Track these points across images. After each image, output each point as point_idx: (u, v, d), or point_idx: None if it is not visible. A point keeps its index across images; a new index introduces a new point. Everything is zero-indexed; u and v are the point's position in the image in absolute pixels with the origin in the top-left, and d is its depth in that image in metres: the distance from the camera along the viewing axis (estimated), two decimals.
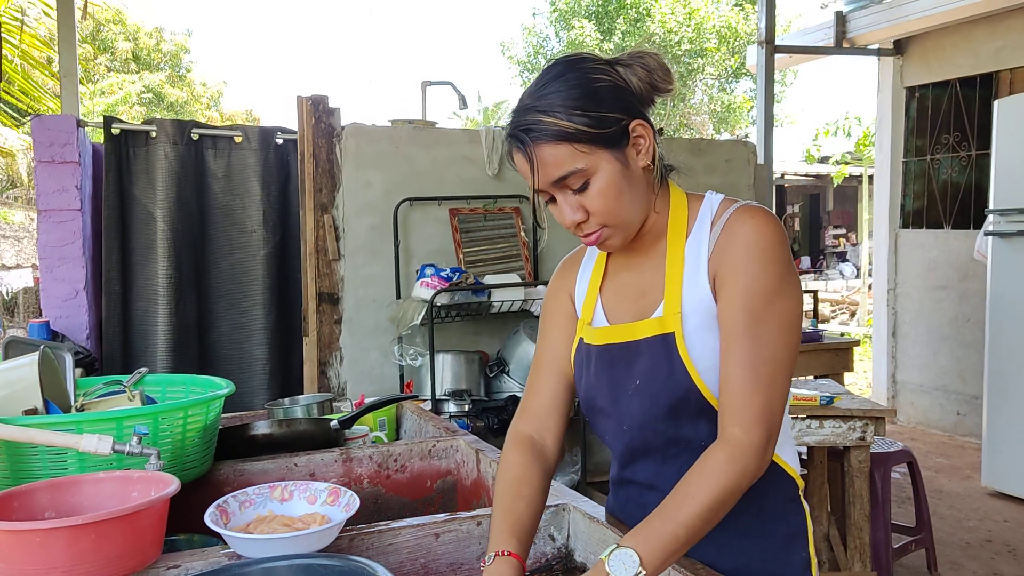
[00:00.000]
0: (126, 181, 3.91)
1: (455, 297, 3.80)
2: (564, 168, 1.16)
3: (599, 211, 1.19)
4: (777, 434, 1.15)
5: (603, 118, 1.15)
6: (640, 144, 1.19)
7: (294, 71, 57.38)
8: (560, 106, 1.14)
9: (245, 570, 1.20)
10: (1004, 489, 4.61)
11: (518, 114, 1.18)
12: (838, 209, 21.28)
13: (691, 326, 1.20)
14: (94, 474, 1.41)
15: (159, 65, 18.45)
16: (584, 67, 1.18)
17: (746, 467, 1.11)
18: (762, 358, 1.13)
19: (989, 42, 5.80)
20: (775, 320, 1.15)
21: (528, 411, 1.37)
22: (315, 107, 3.92)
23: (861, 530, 3.05)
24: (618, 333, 1.27)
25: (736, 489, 1.11)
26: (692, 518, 1.08)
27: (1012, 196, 4.54)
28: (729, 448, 1.12)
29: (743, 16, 18.09)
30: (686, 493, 1.10)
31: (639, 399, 1.24)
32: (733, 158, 4.90)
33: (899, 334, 6.60)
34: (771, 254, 1.16)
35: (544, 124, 1.14)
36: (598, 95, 1.16)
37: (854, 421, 2.98)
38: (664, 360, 1.21)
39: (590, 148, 1.15)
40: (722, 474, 1.10)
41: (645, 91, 1.21)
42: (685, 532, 1.08)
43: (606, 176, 1.17)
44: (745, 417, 1.12)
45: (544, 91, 1.16)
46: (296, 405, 2.35)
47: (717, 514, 1.11)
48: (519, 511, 1.24)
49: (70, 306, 3.81)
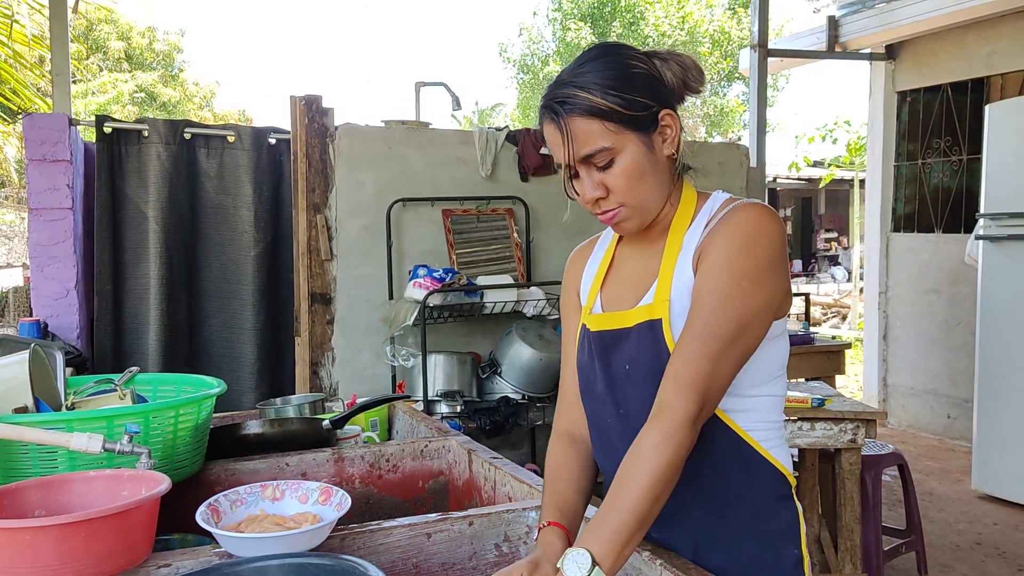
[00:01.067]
0: (118, 180, 3.89)
1: (448, 298, 3.80)
2: (593, 144, 1.20)
3: (619, 190, 1.22)
4: (711, 410, 1.16)
5: (635, 101, 1.20)
6: (667, 133, 1.24)
7: (287, 72, 57.30)
8: (596, 84, 1.19)
9: (236, 569, 1.20)
10: (994, 492, 4.63)
11: (554, 87, 1.22)
12: (830, 213, 21.35)
13: (676, 310, 1.22)
14: (84, 472, 1.40)
15: (152, 65, 18.39)
16: (622, 52, 1.23)
17: (673, 435, 1.12)
18: (712, 333, 1.15)
19: (981, 47, 5.82)
20: (738, 302, 1.16)
21: (561, 408, 1.44)
22: (308, 107, 3.91)
23: (852, 532, 3.05)
24: (612, 320, 1.31)
25: (671, 460, 1.11)
26: (638, 502, 1.09)
27: (1003, 200, 4.56)
28: (656, 418, 1.14)
29: (736, 20, 18.15)
30: (624, 478, 1.12)
31: (631, 384, 1.26)
32: (726, 161, 4.91)
33: (890, 337, 6.63)
34: (754, 241, 1.18)
35: (579, 98, 1.19)
36: (632, 79, 1.20)
37: (845, 423, 2.99)
38: (651, 346, 1.23)
39: (619, 128, 1.19)
40: (654, 450, 1.11)
41: (678, 87, 1.25)
42: (633, 517, 1.09)
43: (631, 157, 1.21)
44: (680, 383, 1.14)
45: (582, 69, 1.21)
46: (288, 405, 2.34)
47: (663, 492, 1.11)
48: (561, 490, 1.31)
49: (61, 305, 3.80)
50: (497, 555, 1.47)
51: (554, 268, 4.38)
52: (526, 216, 4.34)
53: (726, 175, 4.87)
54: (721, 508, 1.27)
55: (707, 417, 1.17)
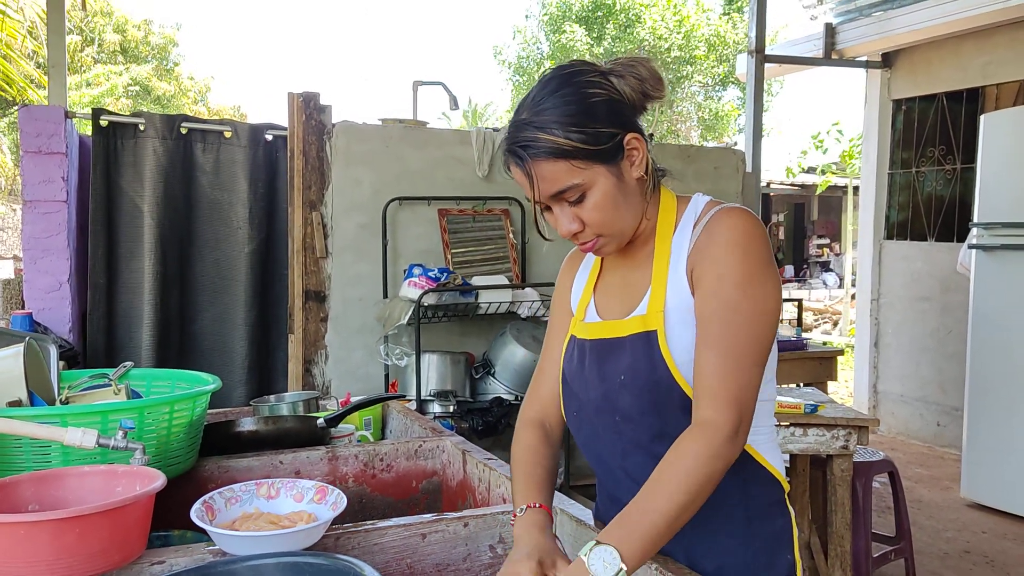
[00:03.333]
0: (113, 173, 3.87)
1: (442, 298, 3.79)
2: (561, 183, 1.19)
3: (595, 222, 1.22)
4: (749, 420, 1.16)
5: (599, 134, 1.18)
6: (634, 156, 1.23)
7: (283, 68, 57.17)
8: (556, 123, 1.17)
9: (231, 567, 1.19)
10: (983, 501, 4.65)
11: (516, 129, 1.20)
12: (822, 219, 21.42)
13: (671, 322, 1.23)
14: (79, 468, 1.40)
15: (147, 58, 18.33)
16: (579, 81, 1.20)
17: (719, 451, 1.12)
18: (733, 345, 1.15)
19: (976, 57, 5.85)
20: (748, 309, 1.16)
21: (534, 398, 1.46)
22: (306, 104, 3.91)
23: (842, 538, 3.06)
24: (607, 329, 1.31)
25: (712, 474, 1.11)
26: (671, 507, 1.09)
27: (996, 210, 4.58)
28: (701, 433, 1.13)
29: (731, 24, 18.19)
30: (661, 482, 1.12)
31: (627, 393, 1.26)
32: (722, 165, 4.92)
33: (881, 344, 6.65)
34: (746, 247, 1.18)
35: (541, 141, 1.17)
36: (593, 110, 1.18)
37: (838, 430, 2.99)
38: (646, 357, 1.23)
39: (587, 164, 1.18)
40: (697, 460, 1.11)
41: (637, 100, 1.23)
42: (665, 522, 1.09)
43: (602, 190, 1.20)
44: (718, 400, 1.14)
45: (541, 106, 1.19)
46: (282, 403, 2.33)
47: (695, 501, 1.11)
48: (539, 475, 1.33)
49: (53, 298, 3.78)
50: (491, 556, 1.46)
51: (549, 269, 4.38)
52: (522, 217, 4.34)
53: (721, 180, 4.88)
54: (716, 513, 1.26)
55: (748, 429, 1.16)
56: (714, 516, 1.27)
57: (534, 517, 1.24)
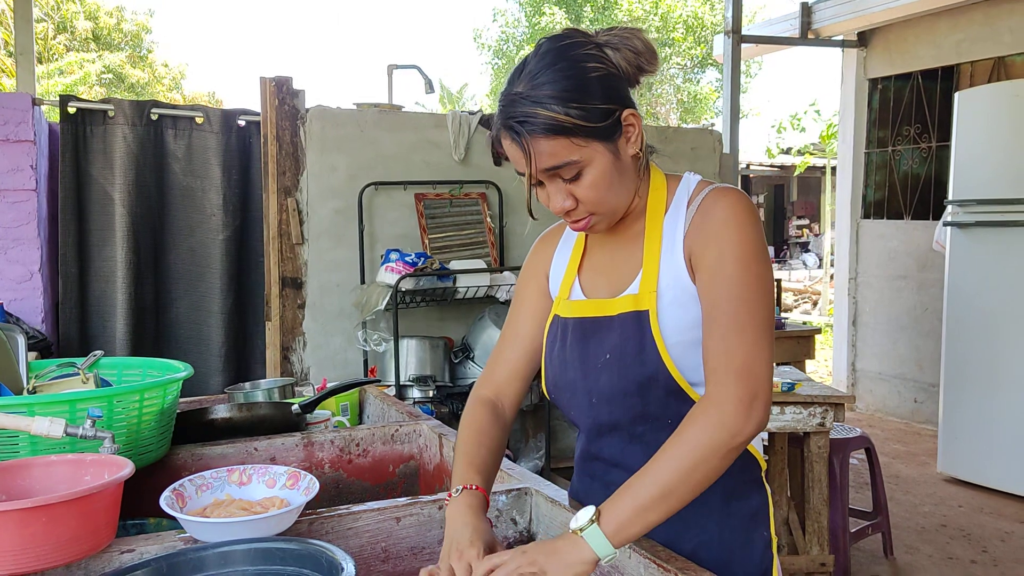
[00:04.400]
0: (83, 161, 3.82)
1: (420, 282, 3.78)
2: (559, 159, 1.16)
3: (589, 200, 1.20)
4: (767, 393, 1.13)
5: (598, 110, 1.15)
6: (631, 133, 1.20)
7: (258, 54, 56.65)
8: (555, 98, 1.13)
9: (201, 554, 1.18)
10: (959, 475, 4.71)
11: (511, 103, 1.16)
12: (801, 200, 21.53)
13: (664, 303, 1.21)
14: (46, 457, 1.38)
15: (119, 45, 18.08)
16: (577, 55, 1.17)
17: (725, 421, 1.10)
18: (743, 320, 1.14)
19: (951, 35, 5.88)
20: (752, 282, 1.15)
21: (490, 379, 1.42)
22: (279, 88, 3.86)
23: (820, 514, 3.09)
24: (593, 307, 1.29)
25: (718, 446, 1.09)
26: (668, 476, 1.09)
27: (971, 187, 4.61)
28: (709, 404, 1.12)
29: (709, 6, 18.18)
30: (666, 453, 1.11)
31: (608, 373, 1.25)
32: (699, 146, 4.92)
33: (859, 323, 6.70)
34: (744, 226, 1.18)
35: (540, 117, 1.13)
36: (591, 86, 1.15)
37: (814, 407, 3.01)
38: (635, 337, 1.22)
39: (586, 141, 1.15)
40: (705, 434, 1.10)
41: (632, 73, 1.21)
42: (659, 491, 1.08)
43: (599, 167, 1.18)
44: (728, 374, 1.12)
45: (537, 79, 1.15)
46: (257, 389, 2.32)
47: (703, 477, 1.10)
48: (482, 456, 1.30)
49: (24, 288, 3.73)
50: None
51: (527, 253, 4.36)
52: (499, 201, 4.33)
53: (699, 161, 4.88)
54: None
55: (766, 409, 1.13)
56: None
57: (469, 499, 1.21)
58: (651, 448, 1.21)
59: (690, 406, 1.20)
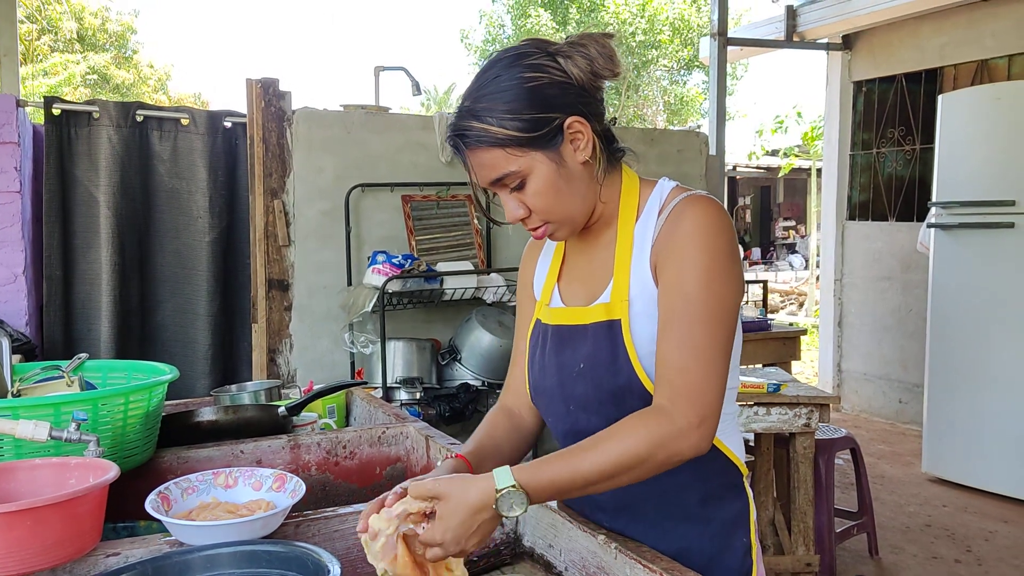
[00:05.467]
0: (68, 163, 3.80)
1: (407, 284, 3.78)
2: (498, 171, 1.19)
3: (539, 208, 1.22)
4: (714, 417, 1.14)
5: (536, 120, 1.16)
6: (578, 139, 1.20)
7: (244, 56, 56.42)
8: (491, 111, 1.16)
9: (186, 558, 1.18)
10: (943, 475, 4.74)
11: (458, 117, 1.20)
12: (788, 201, 21.64)
13: (635, 311, 1.21)
14: (30, 460, 1.37)
15: (104, 46, 17.98)
16: (520, 66, 1.17)
17: (663, 439, 1.10)
18: (697, 339, 1.13)
19: (934, 38, 5.92)
20: (711, 302, 1.14)
21: (507, 387, 1.47)
22: (265, 90, 3.85)
23: (805, 514, 3.10)
24: (569, 315, 1.30)
25: (648, 458, 1.10)
26: (592, 471, 1.11)
27: (954, 189, 4.64)
28: (653, 417, 1.12)
29: (695, 8, 18.24)
30: (596, 446, 1.12)
31: (583, 382, 1.25)
32: (685, 148, 4.94)
33: (845, 324, 6.74)
34: (710, 240, 1.16)
35: (475, 130, 1.17)
36: (530, 97, 1.16)
37: (800, 408, 3.03)
38: (608, 346, 1.22)
39: (522, 151, 1.17)
40: (637, 439, 1.11)
41: (588, 80, 1.19)
42: (582, 482, 1.11)
43: (542, 176, 1.19)
44: (678, 394, 1.13)
45: (480, 94, 1.18)
46: (243, 392, 2.31)
47: (619, 474, 1.11)
48: (482, 442, 1.35)
49: (8, 291, 3.71)
50: None
51: (514, 255, 4.37)
52: (486, 215, 4.32)
53: (685, 163, 4.90)
54: (672, 498, 1.27)
55: (713, 426, 1.14)
56: (671, 502, 1.27)
57: (451, 463, 1.26)
58: None
59: None
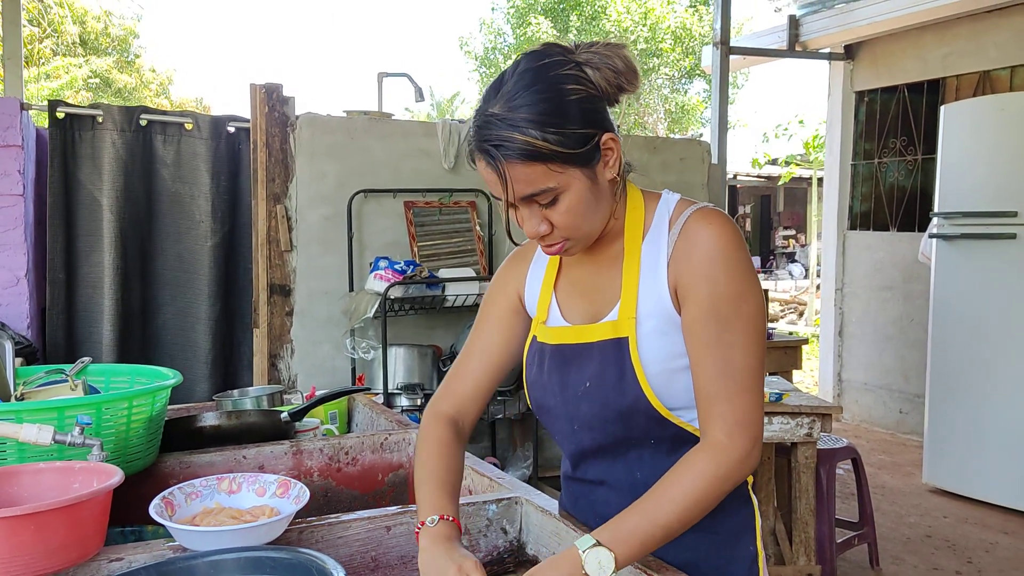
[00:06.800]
0: (71, 166, 3.80)
1: (409, 290, 3.77)
2: (536, 186, 1.12)
3: (565, 226, 1.17)
4: (762, 436, 1.16)
5: (579, 135, 1.11)
6: (609, 157, 1.17)
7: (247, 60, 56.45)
8: (532, 122, 1.09)
9: (190, 563, 1.17)
10: (944, 486, 4.73)
11: (487, 124, 1.11)
12: (788, 210, 21.65)
13: (645, 330, 1.19)
14: (34, 464, 1.37)
15: (107, 50, 18.01)
16: (556, 76, 1.12)
17: (729, 472, 1.12)
18: (736, 364, 1.14)
19: (937, 48, 5.93)
20: (743, 324, 1.14)
21: (451, 394, 1.38)
22: (269, 95, 3.86)
23: (806, 524, 3.10)
24: (572, 334, 1.27)
25: (717, 493, 1.12)
26: (670, 519, 1.10)
27: (956, 200, 4.65)
28: (713, 452, 1.13)
29: (697, 17, 18.27)
30: (665, 494, 1.12)
31: (588, 401, 1.24)
32: (687, 157, 4.94)
33: (845, 333, 6.73)
34: (732, 259, 1.15)
35: (516, 142, 1.09)
36: (570, 109, 1.11)
37: (802, 418, 3.03)
38: (615, 365, 1.20)
39: (563, 167, 1.12)
40: (704, 478, 1.11)
41: (612, 93, 1.17)
42: (662, 533, 1.10)
43: (576, 193, 1.14)
44: (729, 424, 1.13)
45: (515, 101, 1.10)
46: (246, 397, 2.31)
47: (694, 516, 1.12)
48: (451, 482, 1.27)
49: (11, 294, 3.70)
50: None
51: None
52: (488, 209, 4.33)
53: (687, 171, 4.90)
54: None
55: (760, 454, 1.16)
56: None
57: (448, 531, 1.18)
58: (634, 466, 1.23)
59: (672, 429, 1.21)
